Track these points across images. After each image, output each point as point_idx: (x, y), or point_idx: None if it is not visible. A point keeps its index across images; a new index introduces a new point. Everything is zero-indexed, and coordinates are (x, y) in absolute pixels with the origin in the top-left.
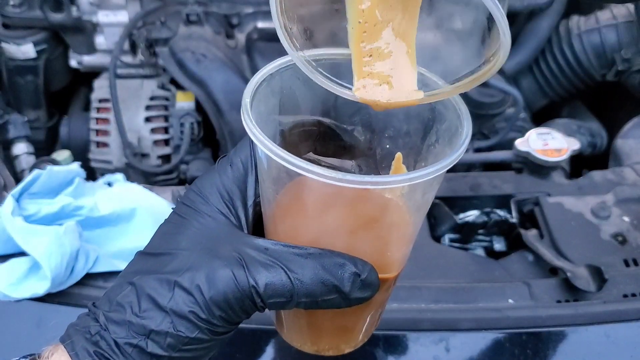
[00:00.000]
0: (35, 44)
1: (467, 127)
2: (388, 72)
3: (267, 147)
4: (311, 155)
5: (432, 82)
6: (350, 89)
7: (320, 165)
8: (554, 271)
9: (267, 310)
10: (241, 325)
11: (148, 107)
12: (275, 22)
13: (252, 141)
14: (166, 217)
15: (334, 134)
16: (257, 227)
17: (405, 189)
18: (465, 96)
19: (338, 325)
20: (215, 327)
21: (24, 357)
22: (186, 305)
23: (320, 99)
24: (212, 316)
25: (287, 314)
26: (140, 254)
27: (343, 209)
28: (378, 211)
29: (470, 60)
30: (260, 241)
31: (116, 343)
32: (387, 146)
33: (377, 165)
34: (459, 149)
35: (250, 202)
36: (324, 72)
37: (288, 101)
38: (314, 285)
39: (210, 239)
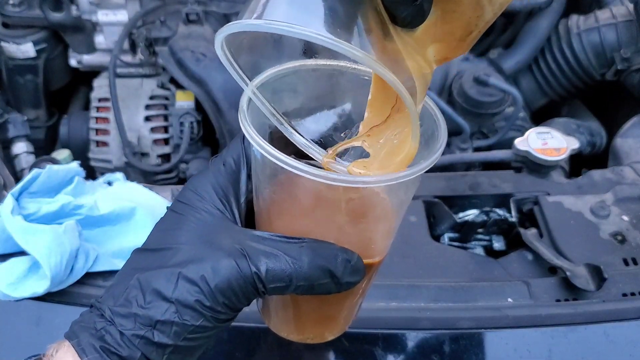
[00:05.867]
0: (35, 43)
1: (443, 131)
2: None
3: (265, 150)
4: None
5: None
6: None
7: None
8: (553, 270)
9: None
10: (240, 324)
11: (148, 107)
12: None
13: (245, 141)
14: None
15: None
16: (248, 222)
17: (389, 187)
18: (464, 95)
19: (322, 314)
20: (219, 314)
21: (28, 358)
22: (191, 295)
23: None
24: (216, 303)
25: (275, 306)
26: (139, 251)
27: (334, 206)
28: (366, 208)
29: None
30: (258, 233)
31: (122, 335)
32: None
33: None
34: (437, 152)
35: (242, 198)
36: (295, 128)
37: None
38: (312, 269)
39: (210, 232)
